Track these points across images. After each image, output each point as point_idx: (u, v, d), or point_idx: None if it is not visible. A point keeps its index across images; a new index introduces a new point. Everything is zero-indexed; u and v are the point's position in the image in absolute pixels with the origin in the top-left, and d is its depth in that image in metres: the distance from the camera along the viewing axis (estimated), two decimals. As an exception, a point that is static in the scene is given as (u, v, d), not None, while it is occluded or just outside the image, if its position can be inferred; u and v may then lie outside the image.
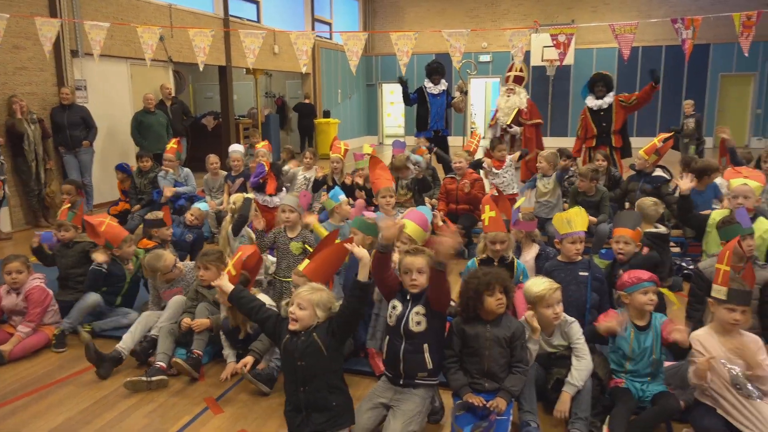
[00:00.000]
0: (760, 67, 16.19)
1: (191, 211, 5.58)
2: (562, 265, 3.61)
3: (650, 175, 5.65)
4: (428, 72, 8.30)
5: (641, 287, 2.97)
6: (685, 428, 2.80)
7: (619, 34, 5.95)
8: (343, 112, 17.17)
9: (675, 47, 14.98)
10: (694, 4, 15.89)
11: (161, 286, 4.12)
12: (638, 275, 3.01)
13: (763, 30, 14.76)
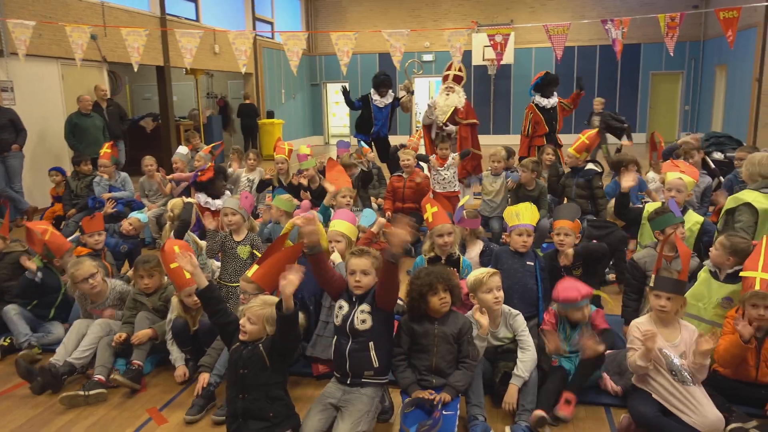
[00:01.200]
0: (687, 65, 17.01)
1: (129, 221, 5.29)
2: (510, 253, 3.72)
3: (582, 169, 5.84)
4: (375, 84, 8.31)
5: (575, 306, 3.08)
6: (623, 414, 2.90)
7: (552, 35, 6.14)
8: (288, 112, 17.00)
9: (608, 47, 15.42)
10: (624, 5, 16.54)
11: (84, 302, 3.88)
12: (571, 295, 3.06)
13: (689, 30, 15.61)
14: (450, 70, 7.71)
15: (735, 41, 14.41)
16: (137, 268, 3.68)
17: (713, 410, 2.68)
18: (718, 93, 16.01)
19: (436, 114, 7.53)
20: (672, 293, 2.84)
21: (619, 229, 4.85)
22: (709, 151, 7.55)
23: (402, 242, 2.65)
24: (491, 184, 5.91)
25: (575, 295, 3.04)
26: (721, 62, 15.62)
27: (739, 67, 14.76)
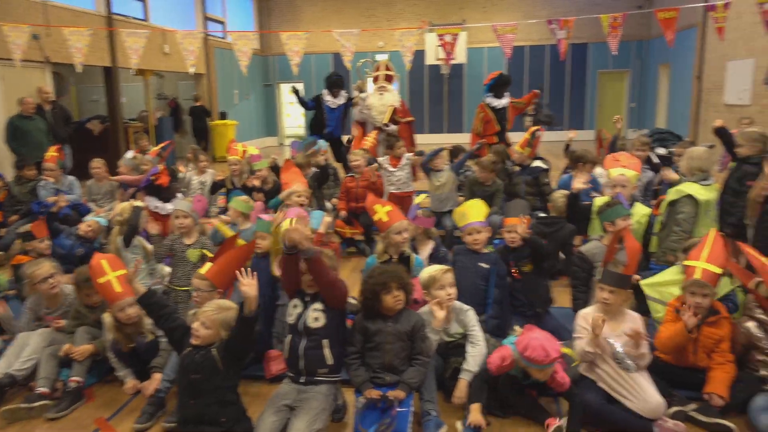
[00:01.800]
0: (633, 64, 17.57)
1: (88, 223, 5.11)
2: (466, 251, 3.76)
3: (529, 167, 5.97)
4: (327, 85, 8.28)
5: (539, 367, 2.79)
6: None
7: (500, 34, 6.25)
8: (241, 113, 16.77)
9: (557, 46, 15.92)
10: (573, 5, 16.95)
11: (37, 308, 3.73)
12: (537, 356, 2.74)
13: (633, 30, 16.11)
14: (379, 70, 7.68)
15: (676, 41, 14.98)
16: (82, 288, 3.56)
17: (655, 395, 2.79)
18: (662, 91, 16.60)
19: (373, 115, 7.50)
20: (615, 287, 2.93)
21: (568, 224, 4.98)
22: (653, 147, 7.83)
23: (302, 236, 2.73)
24: (437, 178, 5.96)
25: (541, 358, 2.74)
26: (664, 61, 16.19)
27: (680, 66, 15.33)
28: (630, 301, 3.10)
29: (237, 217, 4.55)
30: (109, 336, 3.38)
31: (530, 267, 3.83)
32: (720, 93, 13.14)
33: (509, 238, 3.81)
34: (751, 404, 2.87)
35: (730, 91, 12.66)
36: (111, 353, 3.38)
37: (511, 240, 3.81)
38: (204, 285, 3.22)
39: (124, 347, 3.36)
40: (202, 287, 3.22)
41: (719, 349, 3.04)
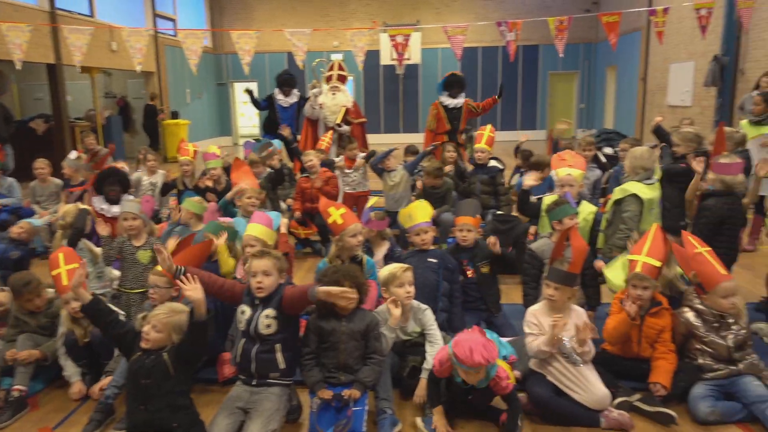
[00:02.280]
0: (582, 66, 18.07)
1: (20, 224, 4.95)
2: (413, 252, 3.79)
3: (486, 166, 6.08)
4: (278, 83, 8.21)
5: (469, 369, 2.71)
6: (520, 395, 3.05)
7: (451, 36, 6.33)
8: (194, 112, 16.46)
9: (510, 48, 16.24)
10: (524, 8, 17.31)
11: None
12: (464, 357, 2.67)
13: (582, 33, 16.58)
14: (332, 70, 7.65)
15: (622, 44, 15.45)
16: (21, 293, 3.43)
17: (601, 388, 2.89)
18: (609, 92, 17.13)
19: (325, 115, 7.48)
20: (561, 284, 3.02)
21: (522, 222, 5.09)
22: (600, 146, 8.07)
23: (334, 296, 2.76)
24: (391, 178, 6.00)
25: (464, 357, 2.65)
26: (611, 63, 16.71)
27: (626, 68, 15.85)
28: (576, 297, 3.19)
29: (190, 218, 4.47)
30: (63, 328, 3.29)
31: (488, 269, 3.89)
32: (663, 94, 13.65)
33: (461, 237, 3.86)
34: (690, 393, 3.00)
35: (672, 93, 13.16)
36: (63, 348, 3.28)
37: (463, 239, 3.86)
38: (161, 282, 3.17)
39: (80, 341, 3.28)
40: (160, 284, 3.17)
41: (661, 339, 3.16)
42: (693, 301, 3.20)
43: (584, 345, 2.92)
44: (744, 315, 3.11)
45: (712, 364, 3.06)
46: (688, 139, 4.58)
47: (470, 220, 3.89)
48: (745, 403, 2.92)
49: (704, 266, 3.14)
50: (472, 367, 2.66)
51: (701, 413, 2.90)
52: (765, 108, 5.49)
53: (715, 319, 3.09)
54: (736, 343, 3.05)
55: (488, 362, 2.67)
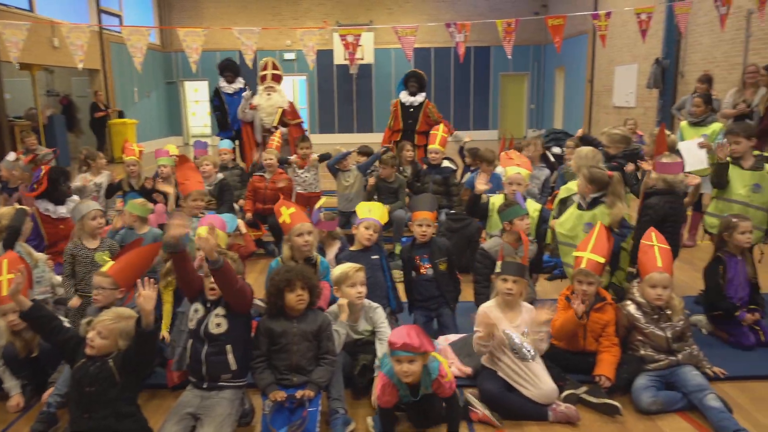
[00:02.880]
0: (531, 67, 18.46)
1: None
2: (355, 254, 3.75)
3: (439, 167, 6.14)
4: (220, 70, 8.06)
5: (395, 354, 2.66)
6: (470, 390, 3.10)
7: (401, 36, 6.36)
8: (142, 111, 16.03)
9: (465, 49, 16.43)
10: (476, 10, 17.56)
11: None
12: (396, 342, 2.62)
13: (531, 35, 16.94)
14: (266, 69, 7.47)
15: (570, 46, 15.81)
16: None
17: (549, 383, 2.97)
18: (558, 93, 17.57)
19: (261, 117, 7.31)
20: (517, 276, 3.08)
21: (475, 222, 5.16)
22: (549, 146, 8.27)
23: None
24: (345, 179, 6.00)
25: (395, 339, 2.61)
26: (559, 65, 17.14)
27: (574, 70, 16.29)
28: (526, 292, 3.26)
29: (134, 221, 4.32)
30: (2, 341, 3.16)
31: (445, 266, 3.91)
32: (609, 95, 14.09)
33: (421, 232, 3.83)
34: (634, 384, 3.11)
35: (618, 94, 13.61)
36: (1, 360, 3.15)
37: (422, 234, 3.83)
38: (106, 283, 3.08)
39: (21, 353, 3.15)
40: (104, 285, 3.08)
41: (606, 333, 3.27)
42: (635, 295, 3.31)
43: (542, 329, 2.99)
44: (679, 308, 3.22)
45: (653, 355, 3.18)
46: (616, 141, 4.78)
47: (429, 215, 3.87)
48: (685, 393, 3.04)
49: (645, 257, 3.28)
50: (409, 351, 2.58)
51: (644, 403, 3.01)
52: (705, 110, 5.73)
53: (654, 312, 3.22)
54: (674, 335, 3.18)
55: (422, 347, 2.59)
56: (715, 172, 4.19)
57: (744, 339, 3.67)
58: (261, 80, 7.46)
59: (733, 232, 3.77)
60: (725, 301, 3.73)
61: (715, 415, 2.85)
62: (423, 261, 3.86)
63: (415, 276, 3.88)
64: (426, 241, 3.86)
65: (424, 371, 2.68)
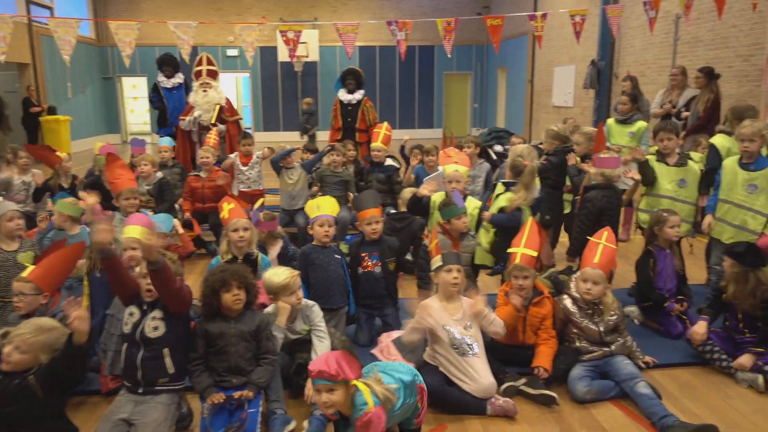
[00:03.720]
0: (474, 67, 18.77)
1: None
2: (318, 248, 3.75)
3: (383, 165, 6.16)
4: (158, 65, 7.83)
5: (314, 383, 2.36)
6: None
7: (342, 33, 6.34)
8: (76, 108, 15.37)
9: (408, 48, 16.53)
10: (419, 9, 17.71)
11: None
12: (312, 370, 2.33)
13: (474, 35, 17.23)
14: (201, 64, 7.33)
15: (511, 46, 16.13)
16: None
17: (488, 377, 3.02)
18: (500, 92, 17.94)
19: (198, 114, 7.12)
20: (459, 264, 3.13)
21: (417, 219, 5.19)
22: (491, 144, 8.45)
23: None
24: (290, 176, 5.93)
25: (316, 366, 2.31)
26: (501, 65, 17.50)
27: (515, 70, 16.67)
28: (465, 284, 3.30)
29: (64, 221, 4.11)
30: None
31: (394, 265, 3.92)
32: (549, 95, 14.49)
33: (371, 230, 3.81)
34: (570, 374, 3.21)
35: (557, 94, 14.01)
36: None
37: (373, 231, 3.81)
38: (27, 288, 2.92)
39: None
40: (26, 291, 2.92)
41: (543, 326, 3.36)
42: (571, 289, 3.42)
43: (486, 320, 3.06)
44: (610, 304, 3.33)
45: (588, 346, 3.29)
46: (551, 137, 4.96)
47: (376, 211, 3.86)
48: (617, 381, 3.16)
49: (588, 252, 3.39)
50: (325, 380, 2.29)
51: (579, 392, 3.11)
52: (631, 108, 5.97)
53: (588, 306, 3.32)
54: (607, 328, 3.29)
55: (340, 374, 2.28)
56: (640, 172, 4.37)
57: (672, 328, 3.85)
58: (196, 76, 7.27)
59: (663, 226, 3.94)
60: (655, 293, 3.90)
61: (645, 401, 2.97)
62: (372, 259, 3.85)
63: (361, 272, 3.87)
64: (376, 239, 3.86)
65: (352, 404, 2.35)
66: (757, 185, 4.00)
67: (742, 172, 4.07)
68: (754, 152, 4.03)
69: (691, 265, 4.46)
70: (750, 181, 4.03)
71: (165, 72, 7.79)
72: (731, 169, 4.13)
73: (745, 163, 4.07)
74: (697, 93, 6.55)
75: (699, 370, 3.45)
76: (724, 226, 4.16)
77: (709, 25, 8.72)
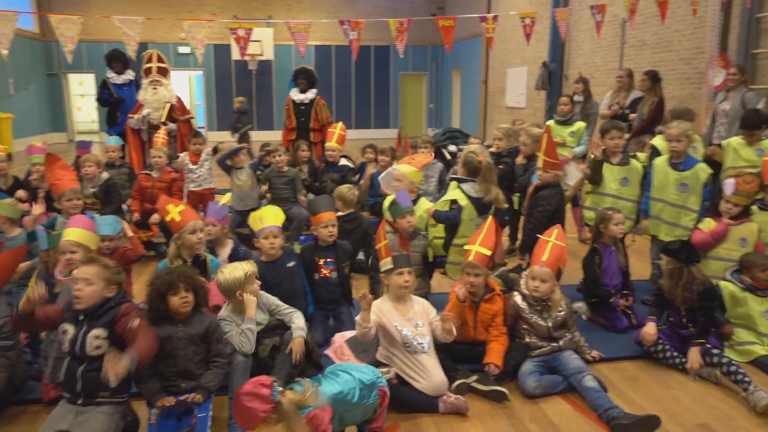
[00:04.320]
0: (430, 67, 18.93)
1: None
2: (269, 265, 3.61)
3: (337, 165, 6.15)
4: (107, 61, 7.61)
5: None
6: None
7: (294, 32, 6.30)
8: (19, 105, 14.76)
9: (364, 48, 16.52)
10: (374, 9, 17.73)
11: None
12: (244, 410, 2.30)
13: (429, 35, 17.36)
14: (151, 62, 7.19)
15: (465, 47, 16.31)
16: None
17: (440, 375, 3.05)
18: (455, 93, 18.14)
19: (147, 112, 6.97)
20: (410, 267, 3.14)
21: (366, 218, 5.20)
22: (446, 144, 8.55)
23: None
24: (238, 177, 5.84)
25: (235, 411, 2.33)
26: (456, 65, 17.69)
27: (470, 71, 16.88)
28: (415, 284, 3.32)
29: (2, 223, 3.94)
30: None
31: (348, 269, 3.91)
32: (502, 96, 14.73)
33: (328, 233, 3.79)
34: (520, 370, 3.27)
35: (510, 95, 14.26)
36: None
37: (330, 235, 3.79)
38: None
39: None
40: None
41: (494, 323, 3.41)
42: (521, 286, 3.48)
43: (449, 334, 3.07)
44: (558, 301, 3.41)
45: (537, 342, 3.36)
46: (504, 134, 5.08)
47: (332, 215, 3.85)
48: (565, 376, 3.24)
49: (538, 250, 3.47)
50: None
51: (529, 387, 3.17)
52: (571, 108, 6.16)
53: (537, 303, 3.40)
54: (555, 324, 3.37)
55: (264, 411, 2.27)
56: (591, 168, 4.49)
57: (618, 323, 3.97)
58: (145, 73, 7.09)
59: (608, 224, 4.06)
60: (601, 289, 4.01)
61: (592, 395, 3.05)
62: (328, 265, 3.82)
63: (317, 278, 3.83)
64: (331, 244, 3.83)
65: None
66: (688, 184, 4.22)
67: (672, 171, 4.28)
68: (681, 152, 4.25)
69: (636, 261, 4.62)
70: (680, 180, 4.24)
71: (114, 68, 7.58)
72: (662, 169, 4.33)
73: (675, 163, 4.28)
74: (643, 95, 6.78)
75: (643, 363, 3.56)
76: (659, 223, 4.34)
77: (653, 30, 9.03)
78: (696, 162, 4.33)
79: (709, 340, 3.41)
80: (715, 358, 3.30)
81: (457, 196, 4.08)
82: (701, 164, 4.34)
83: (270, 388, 2.29)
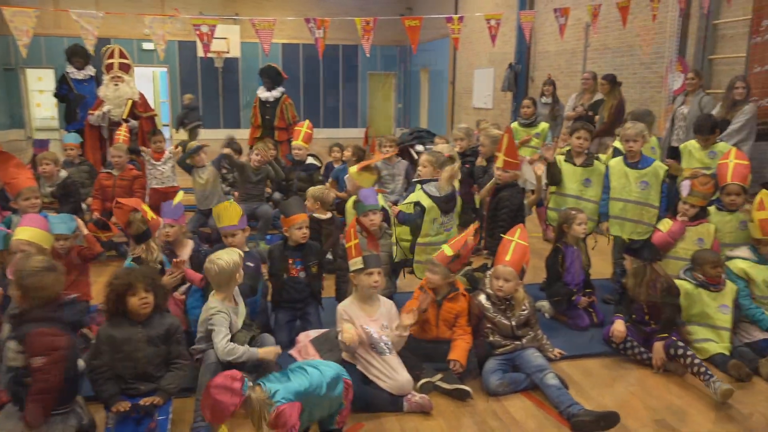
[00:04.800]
0: (398, 67, 18.97)
1: None
2: None
3: (304, 163, 6.11)
4: (68, 56, 7.41)
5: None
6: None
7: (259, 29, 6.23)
8: (-27, 100, 14.28)
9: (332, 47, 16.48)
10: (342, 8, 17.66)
11: None
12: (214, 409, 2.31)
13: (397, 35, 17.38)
14: (113, 57, 7.02)
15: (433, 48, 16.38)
16: None
17: (404, 374, 3.07)
18: (423, 93, 18.22)
19: (108, 109, 6.80)
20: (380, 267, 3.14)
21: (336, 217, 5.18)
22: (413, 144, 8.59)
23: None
24: (200, 176, 5.74)
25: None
26: (424, 66, 17.77)
27: (437, 71, 16.98)
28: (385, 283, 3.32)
29: None
30: None
31: (316, 268, 3.89)
32: (470, 97, 14.86)
33: (301, 235, 3.77)
34: (484, 368, 3.30)
35: (477, 96, 14.38)
36: None
37: (303, 236, 3.78)
38: None
39: None
40: None
41: (458, 323, 3.42)
42: (485, 286, 3.52)
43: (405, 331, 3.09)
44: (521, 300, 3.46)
45: (501, 340, 3.39)
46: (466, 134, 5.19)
47: (305, 216, 3.84)
48: (528, 373, 3.28)
49: (501, 249, 3.51)
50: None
51: (492, 385, 3.20)
52: (534, 111, 6.26)
53: (501, 303, 3.43)
54: (518, 323, 3.42)
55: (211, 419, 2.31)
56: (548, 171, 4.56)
57: (580, 321, 4.04)
58: (107, 69, 6.92)
59: (571, 224, 4.12)
60: (564, 288, 4.08)
61: (554, 392, 3.09)
62: (297, 264, 3.80)
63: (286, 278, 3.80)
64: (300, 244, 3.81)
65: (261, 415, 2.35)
66: (648, 182, 4.33)
67: (631, 171, 4.38)
68: (637, 152, 4.37)
69: (598, 261, 4.70)
70: (641, 178, 4.35)
71: (75, 63, 7.37)
72: (620, 170, 4.43)
73: (633, 163, 4.38)
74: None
75: (604, 361, 3.64)
76: (623, 222, 4.42)
77: (615, 34, 9.23)
78: (653, 160, 4.46)
79: (672, 334, 3.50)
80: (680, 350, 3.37)
81: (420, 197, 4.10)
82: (658, 162, 4.49)
83: (241, 381, 2.30)
